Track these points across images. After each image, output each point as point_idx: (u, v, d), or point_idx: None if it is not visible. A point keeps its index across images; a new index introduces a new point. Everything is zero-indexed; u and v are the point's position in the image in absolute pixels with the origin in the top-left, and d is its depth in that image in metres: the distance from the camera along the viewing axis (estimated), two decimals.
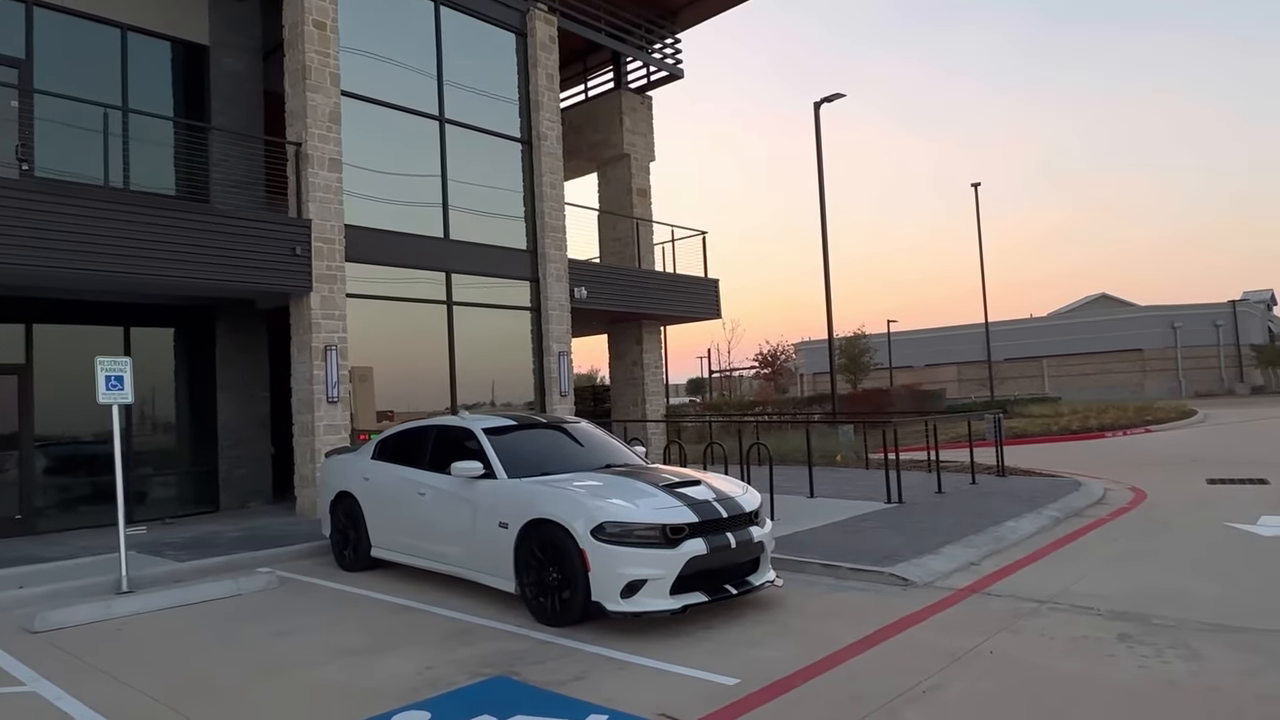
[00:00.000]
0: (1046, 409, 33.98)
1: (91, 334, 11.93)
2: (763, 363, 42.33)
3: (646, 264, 18.70)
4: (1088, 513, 10.56)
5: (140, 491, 12.42)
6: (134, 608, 7.07)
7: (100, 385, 7.96)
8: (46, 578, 8.12)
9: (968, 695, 4.58)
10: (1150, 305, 54.48)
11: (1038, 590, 6.73)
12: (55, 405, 11.44)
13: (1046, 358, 53.55)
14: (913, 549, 8.13)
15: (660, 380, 19.66)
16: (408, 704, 4.67)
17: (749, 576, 6.42)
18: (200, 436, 13.17)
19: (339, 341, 12.04)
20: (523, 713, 4.49)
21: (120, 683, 5.23)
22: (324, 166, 12.07)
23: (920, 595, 6.74)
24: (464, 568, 7.10)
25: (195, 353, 13.25)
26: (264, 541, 9.80)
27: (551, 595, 6.16)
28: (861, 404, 32.59)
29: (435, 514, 7.43)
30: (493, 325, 14.95)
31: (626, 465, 7.55)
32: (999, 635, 5.61)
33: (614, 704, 4.57)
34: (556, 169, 15.59)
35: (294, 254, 11.63)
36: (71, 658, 5.80)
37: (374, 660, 5.54)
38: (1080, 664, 5.01)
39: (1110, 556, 7.99)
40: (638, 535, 5.89)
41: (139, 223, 10.31)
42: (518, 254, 15.17)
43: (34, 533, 11.06)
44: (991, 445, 14.04)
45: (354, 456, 8.92)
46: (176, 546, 9.64)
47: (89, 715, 4.68)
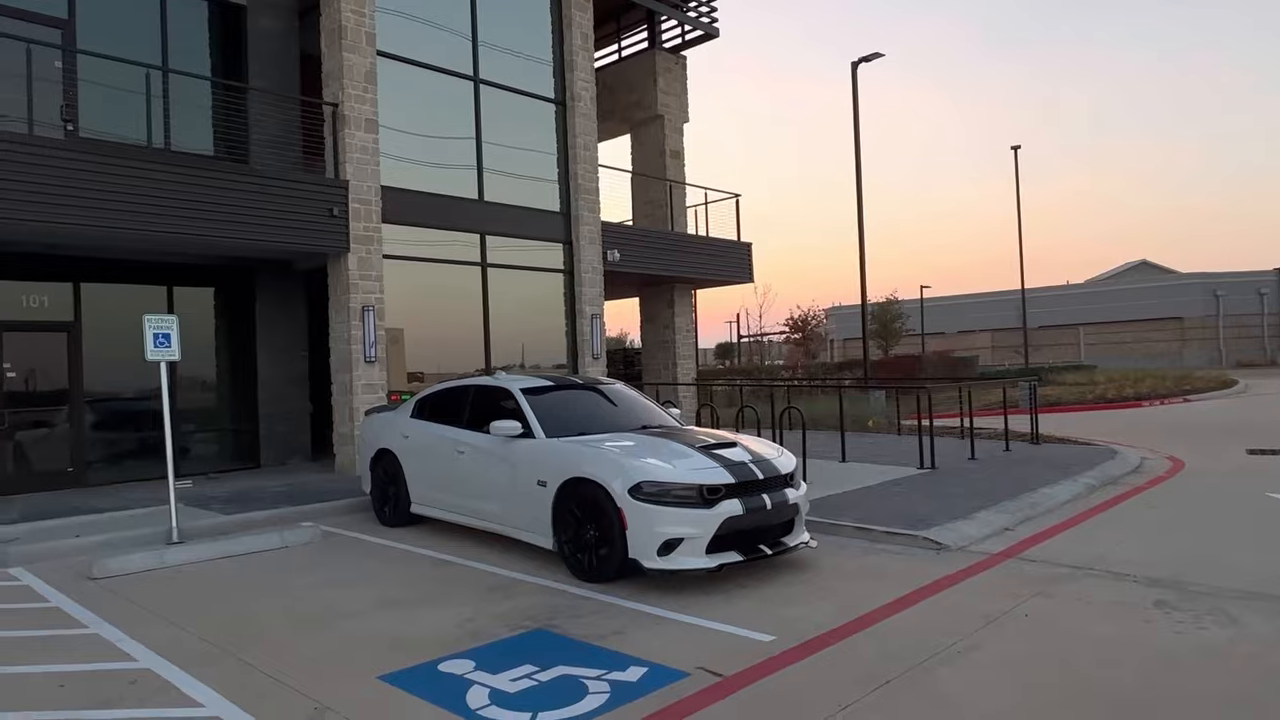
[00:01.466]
0: (1081, 377, 33.51)
1: (136, 293, 12.18)
2: (793, 327, 42.07)
3: (679, 227, 18.61)
4: (1124, 481, 10.48)
5: (184, 447, 12.73)
6: (185, 557, 7.33)
7: (148, 342, 8.17)
8: (100, 528, 8.42)
9: (1001, 657, 4.62)
10: (1192, 272, 53.20)
11: (1073, 556, 6.73)
12: (103, 362, 11.74)
13: (1083, 325, 52.65)
14: (946, 514, 8.15)
15: (691, 344, 19.67)
16: (451, 653, 4.82)
17: (784, 538, 6.49)
18: (241, 394, 13.46)
19: (376, 302, 12.19)
20: (563, 663, 4.62)
21: (176, 627, 5.44)
22: (360, 127, 12.12)
23: (954, 559, 6.77)
24: (502, 524, 7.25)
25: (235, 312, 13.48)
26: (305, 497, 10.04)
27: (589, 552, 6.28)
28: (893, 370, 32.40)
29: (474, 472, 7.57)
30: (526, 287, 15.02)
31: (662, 427, 7.62)
32: (1033, 599, 5.63)
33: (652, 657, 4.68)
34: (590, 130, 15.50)
35: (331, 215, 11.74)
36: (128, 603, 6.03)
37: (416, 611, 5.71)
38: (1115, 629, 5.03)
39: (1147, 524, 7.95)
40: (675, 495, 5.97)
41: (180, 183, 10.46)
42: (551, 216, 15.18)
43: (84, 485, 11.43)
44: (1025, 413, 13.93)
45: (393, 415, 9.08)
46: (221, 500, 9.92)
47: (149, 656, 4.89)
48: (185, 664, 4.72)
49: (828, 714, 3.92)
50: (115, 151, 10.23)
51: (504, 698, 4.17)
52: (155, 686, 4.43)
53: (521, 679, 4.41)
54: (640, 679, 4.37)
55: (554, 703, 4.09)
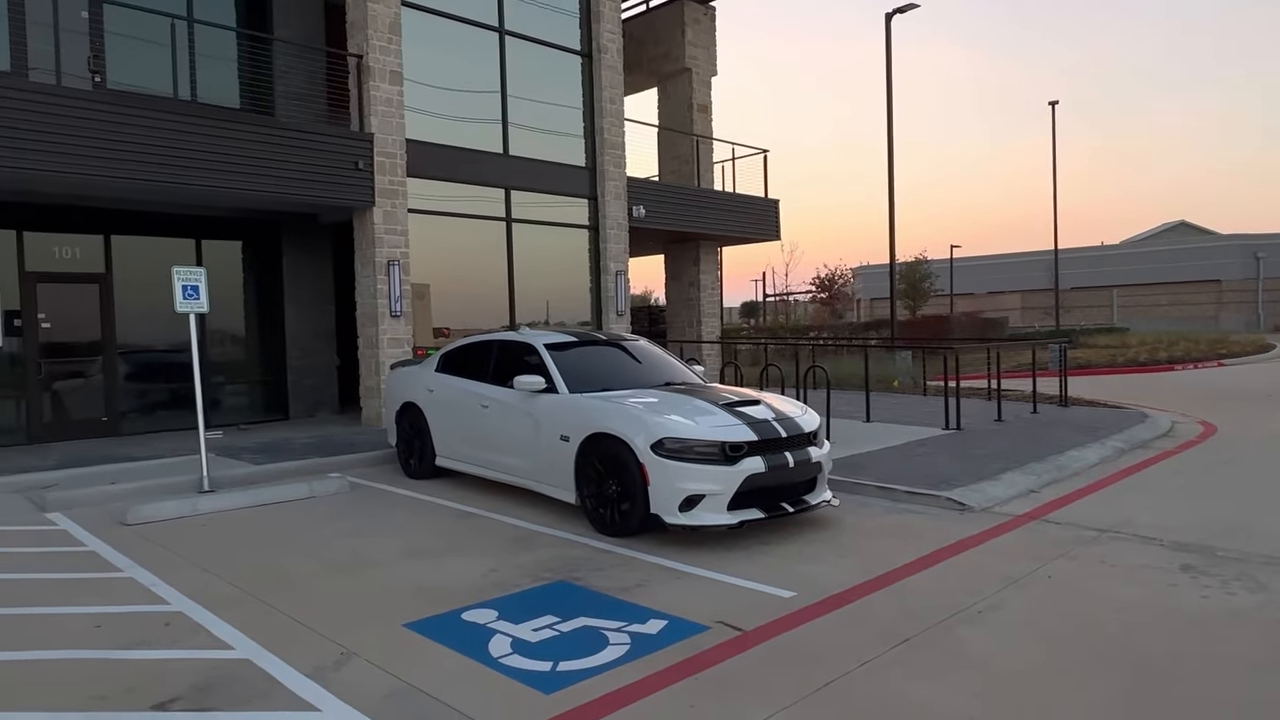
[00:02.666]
0: (1113, 340, 33.00)
1: (165, 245, 12.28)
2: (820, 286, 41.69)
3: (706, 183, 18.39)
4: (1154, 445, 10.33)
5: (215, 399, 12.95)
6: (216, 505, 7.48)
7: (177, 294, 8.24)
8: (135, 475, 8.61)
9: (1024, 618, 4.60)
10: (1231, 234, 51.87)
11: (1099, 519, 6.67)
12: (134, 314, 11.90)
13: (1117, 287, 51.70)
14: (971, 475, 8.09)
15: (716, 302, 19.57)
16: (475, 602, 4.89)
17: (805, 495, 6.49)
18: (269, 347, 13.61)
19: (401, 256, 12.20)
20: (584, 615, 4.67)
21: (207, 572, 5.57)
22: (385, 79, 12.02)
23: (977, 520, 6.73)
24: (525, 478, 7.31)
25: (263, 265, 13.57)
26: (333, 448, 10.19)
27: (611, 507, 6.32)
28: (920, 330, 32.07)
29: (498, 426, 7.62)
30: (551, 243, 14.96)
31: (685, 383, 7.60)
32: (1057, 561, 5.60)
33: (672, 610, 4.71)
34: (617, 83, 15.27)
35: (356, 168, 11.71)
36: (162, 549, 6.18)
37: (441, 561, 5.79)
38: (1141, 592, 4.99)
39: (1176, 489, 7.85)
40: (697, 451, 5.97)
41: (206, 134, 10.48)
42: (577, 171, 15.05)
43: (117, 434, 11.68)
44: (1054, 375, 13.74)
45: (419, 369, 9.14)
46: (252, 451, 10.09)
47: (182, 599, 5.02)
48: (216, 608, 4.84)
49: (848, 669, 3.94)
50: (142, 103, 10.24)
51: (526, 647, 4.23)
52: (188, 629, 4.55)
53: (543, 629, 4.47)
54: (660, 631, 4.41)
55: (575, 653, 4.14)
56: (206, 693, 3.75)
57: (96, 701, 3.69)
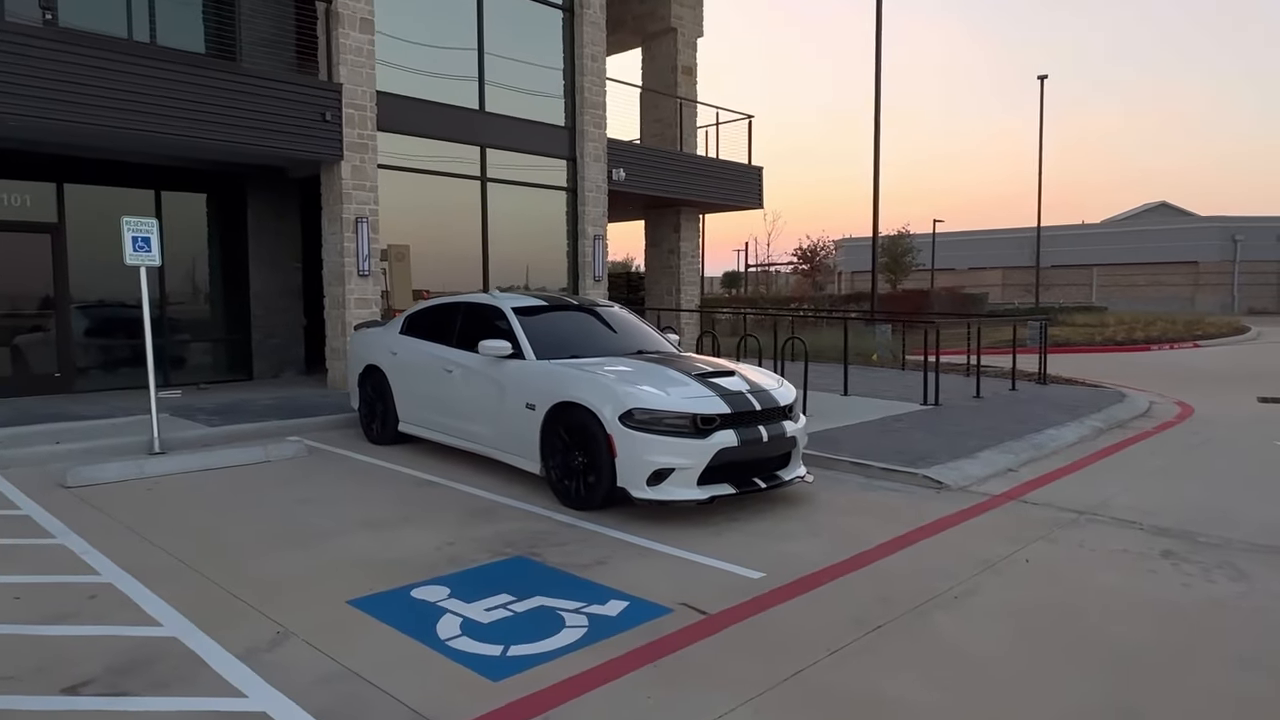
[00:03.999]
0: (1091, 319, 33.08)
1: (123, 196, 11.76)
2: (802, 258, 41.43)
3: (688, 148, 17.97)
4: (1132, 425, 10.22)
5: (176, 356, 12.53)
6: (164, 469, 7.14)
7: (126, 246, 7.82)
8: (81, 435, 8.24)
9: (1001, 603, 4.41)
10: (1210, 215, 52.10)
11: (1077, 501, 6.51)
12: (90, 267, 11.41)
13: (1096, 266, 51.89)
14: (948, 452, 7.91)
15: (696, 270, 19.25)
16: (426, 579, 4.63)
17: (779, 471, 6.26)
18: (233, 305, 13.16)
19: (370, 214, 11.77)
20: (541, 594, 4.42)
21: (145, 540, 5.26)
22: (355, 27, 11.49)
23: (954, 499, 6.55)
24: (489, 447, 7.03)
25: (227, 220, 13.07)
26: (294, 411, 9.84)
27: (576, 479, 6.06)
28: (901, 304, 31.97)
29: (462, 392, 7.32)
30: (527, 205, 14.54)
31: (659, 352, 7.32)
32: (1035, 544, 5.42)
33: (634, 590, 4.48)
34: (599, 40, 14.77)
35: (324, 119, 11.22)
36: (100, 514, 5.86)
37: (396, 532, 5.52)
38: (1120, 578, 4.82)
39: (1154, 470, 7.71)
40: (667, 423, 5.71)
41: (165, 79, 9.96)
42: (555, 130, 14.59)
43: (71, 391, 11.25)
44: (1033, 352, 13.62)
45: (382, 331, 8.79)
46: (209, 411, 9.72)
47: (113, 570, 4.71)
48: (149, 580, 4.54)
49: (815, 658, 3.72)
50: (97, 42, 9.68)
51: (476, 628, 3.97)
52: (115, 602, 4.25)
53: (496, 609, 4.21)
54: (620, 614, 4.17)
55: (528, 635, 3.90)
56: (124, 675, 3.46)
57: (0, 683, 3.40)
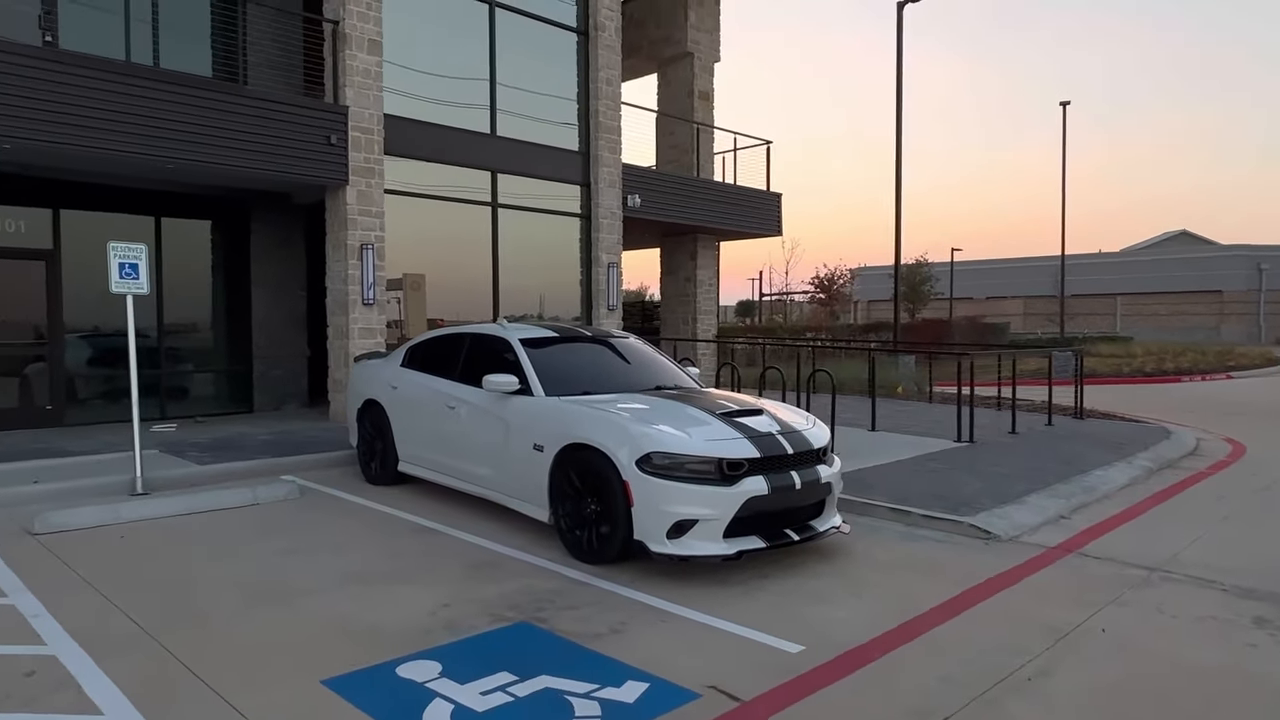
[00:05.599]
0: (1117, 349, 32.26)
1: (121, 222, 11.35)
2: (819, 287, 40.82)
3: (705, 174, 17.52)
4: (1182, 465, 9.54)
5: (175, 387, 12.07)
6: (142, 513, 6.60)
7: (113, 273, 7.36)
8: (63, 474, 7.73)
9: (1083, 687, 3.78)
10: (1234, 244, 51.23)
11: (1143, 554, 5.85)
12: (86, 295, 10.96)
13: (1120, 295, 51.01)
14: (992, 496, 7.27)
15: (713, 299, 18.71)
16: (415, 652, 4.03)
17: (812, 521, 5.65)
18: (235, 335, 12.72)
19: (376, 240, 11.32)
20: (548, 671, 3.82)
21: (106, 600, 4.70)
22: (363, 48, 11.12)
23: (1006, 552, 5.91)
24: (494, 490, 6.46)
25: (230, 247, 12.67)
26: (292, 447, 9.31)
27: (588, 529, 5.47)
28: (920, 334, 31.30)
29: (465, 430, 6.76)
30: (540, 232, 14.08)
31: (678, 388, 6.75)
32: (1108, 609, 4.78)
33: (655, 668, 3.87)
34: (614, 64, 14.39)
35: (329, 143, 10.81)
36: (63, 566, 5.31)
37: (385, 591, 4.94)
38: (1216, 654, 4.17)
39: (1220, 518, 7.04)
40: (689, 469, 5.12)
41: (167, 101, 9.58)
42: (569, 155, 14.16)
43: (63, 424, 10.77)
44: (1064, 384, 12.94)
45: (383, 363, 8.27)
46: (201, 448, 9.20)
47: (61, 638, 4.14)
48: (99, 651, 3.97)
49: None
50: (98, 64, 9.31)
51: (469, 719, 3.38)
52: (54, 682, 3.67)
53: (494, 692, 3.62)
54: (639, 700, 3.56)
55: None
56: None
57: None
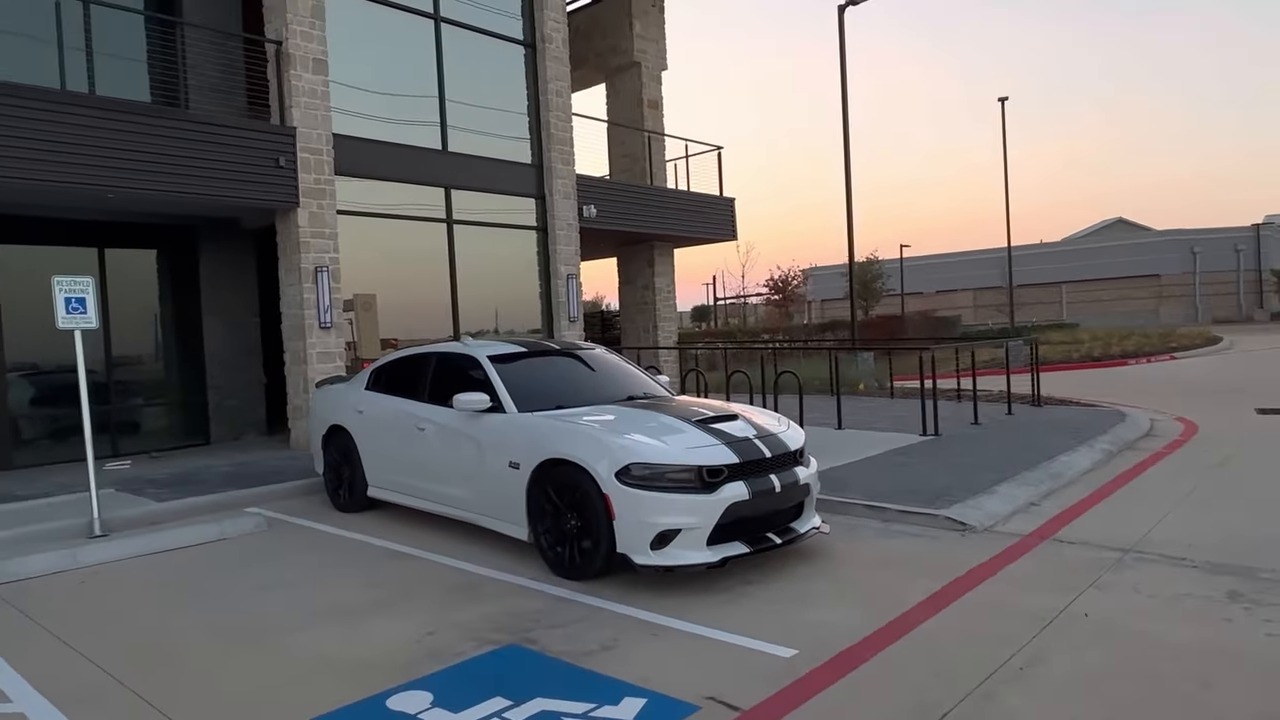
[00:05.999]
0: (1066, 336, 33.11)
1: (62, 255, 10.98)
2: (773, 288, 41.19)
3: (658, 181, 17.56)
4: (1140, 446, 9.79)
5: (127, 422, 11.69)
6: (103, 556, 6.36)
7: (59, 308, 7.09)
8: (14, 519, 7.41)
9: (1075, 673, 3.82)
10: (1169, 229, 52.97)
11: (1114, 536, 5.97)
12: (27, 331, 10.56)
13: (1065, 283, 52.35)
14: (964, 487, 7.37)
15: (672, 305, 18.75)
16: (404, 682, 3.93)
17: (793, 523, 5.66)
18: (188, 365, 12.36)
19: (330, 262, 11.11)
20: (542, 694, 3.75)
21: (71, 650, 4.50)
22: (308, 68, 10.93)
23: (982, 542, 5.99)
24: (470, 511, 6.35)
25: (178, 276, 12.33)
26: (254, 478, 9.07)
27: (570, 545, 5.41)
28: (875, 330, 31.76)
29: (436, 451, 6.64)
30: (497, 247, 13.97)
31: (650, 397, 6.73)
32: (1088, 593, 4.85)
33: (651, 683, 3.82)
34: (563, 75, 14.36)
35: (277, 165, 10.59)
36: (22, 617, 5.08)
37: (366, 622, 4.81)
38: (1196, 631, 4.25)
39: (1182, 496, 7.22)
40: (670, 478, 5.09)
41: (105, 129, 9.28)
42: (522, 168, 14.08)
43: (11, 467, 10.34)
44: (1019, 373, 13.22)
45: (346, 387, 8.11)
46: (159, 484, 8.91)
47: (28, 694, 3.95)
48: (67, 704, 3.79)
49: None
50: (30, 93, 8.99)
51: None
52: None
53: (490, 718, 3.54)
54: (637, 716, 3.51)
55: None
56: None
57: None
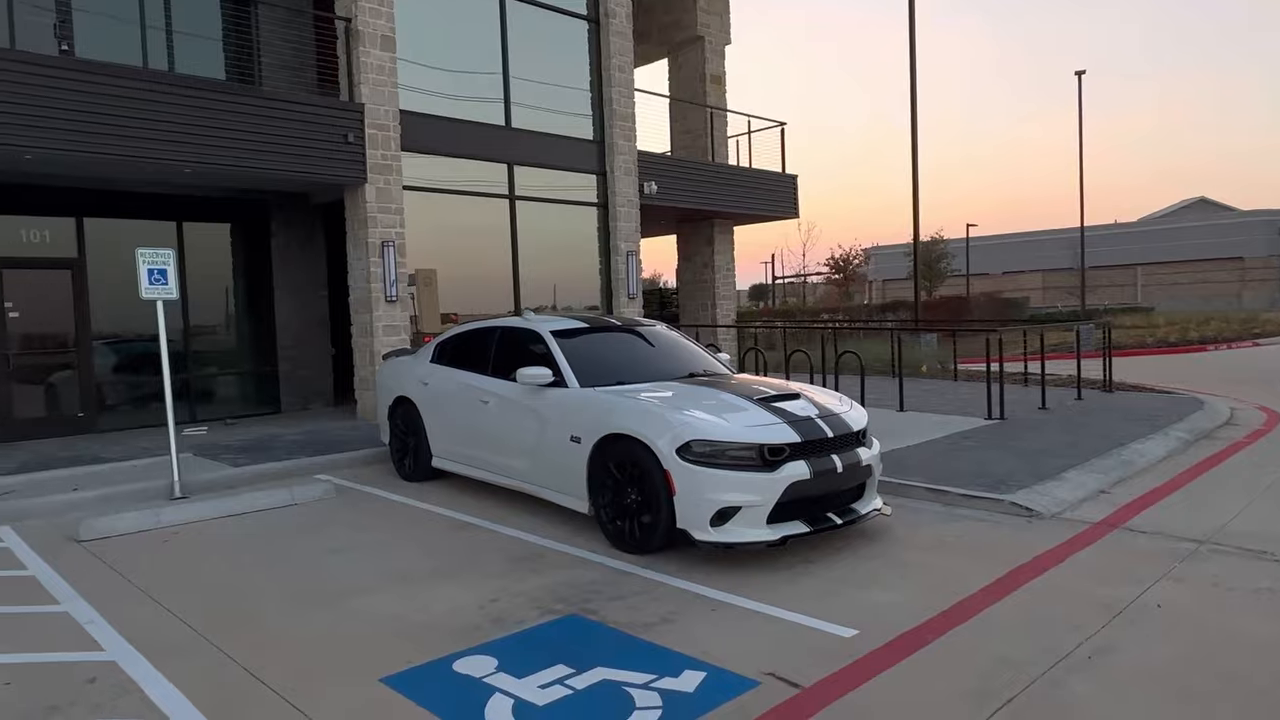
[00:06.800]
0: (1139, 319, 32.00)
1: (144, 228, 11.41)
2: (834, 268, 40.56)
3: (720, 158, 17.40)
4: (1219, 435, 9.43)
5: (203, 390, 12.16)
6: (183, 516, 6.65)
7: (142, 279, 7.40)
8: (100, 480, 7.80)
9: (1145, 664, 3.74)
10: (1254, 210, 50.52)
11: (1189, 527, 5.78)
12: (113, 302, 11.03)
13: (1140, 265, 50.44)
14: (1030, 473, 7.21)
15: (731, 283, 18.63)
16: (470, 646, 4.04)
17: (854, 504, 5.62)
18: (260, 336, 12.78)
19: (396, 237, 11.32)
20: (603, 663, 3.82)
21: (159, 606, 4.74)
22: (376, 44, 11.09)
23: (1049, 529, 5.86)
24: (531, 483, 6.46)
25: (251, 249, 12.71)
26: (323, 446, 9.36)
27: (630, 519, 5.46)
28: (938, 312, 31.11)
29: (499, 424, 6.76)
30: (557, 222, 14.04)
31: (711, 374, 6.73)
32: (1160, 584, 4.72)
33: (711, 657, 3.86)
34: (626, 50, 14.29)
35: (346, 141, 10.81)
36: (112, 573, 5.36)
37: (432, 588, 4.95)
38: (1275, 628, 4.11)
39: (1264, 488, 6.94)
40: (731, 456, 5.10)
41: (184, 106, 9.59)
42: (584, 144, 14.10)
43: (95, 430, 10.87)
44: (1090, 357, 12.84)
45: (412, 360, 8.28)
46: (234, 450, 9.27)
47: (118, 644, 4.18)
48: (157, 656, 4.00)
49: None
50: (115, 72, 9.32)
51: (531, 713, 3.38)
52: (116, 687, 3.71)
53: (553, 684, 3.62)
54: (698, 688, 3.56)
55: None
56: None
57: None
